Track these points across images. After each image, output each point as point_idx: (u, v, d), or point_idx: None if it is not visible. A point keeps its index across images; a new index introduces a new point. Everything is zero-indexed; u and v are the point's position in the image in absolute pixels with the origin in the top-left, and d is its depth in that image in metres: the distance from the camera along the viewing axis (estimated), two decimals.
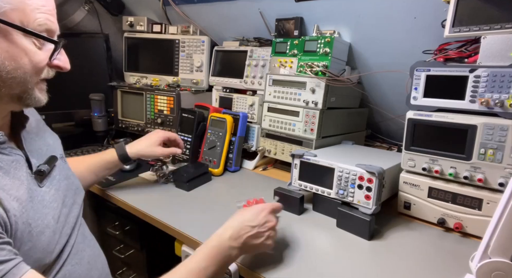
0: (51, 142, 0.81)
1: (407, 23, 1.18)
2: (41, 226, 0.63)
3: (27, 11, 0.56)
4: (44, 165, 0.70)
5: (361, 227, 0.90)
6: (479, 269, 0.59)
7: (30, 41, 0.58)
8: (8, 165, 0.62)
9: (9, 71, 0.57)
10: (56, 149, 0.80)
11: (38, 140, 0.76)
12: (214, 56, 1.65)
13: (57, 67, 0.65)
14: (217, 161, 1.34)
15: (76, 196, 0.81)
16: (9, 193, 0.59)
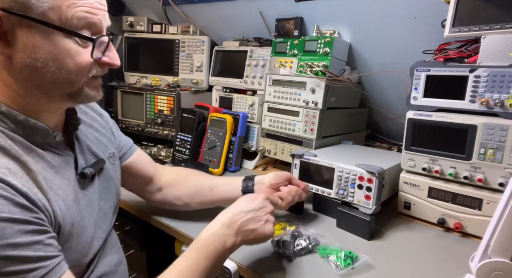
0: (106, 142, 0.81)
1: (407, 23, 1.18)
2: (81, 227, 0.64)
3: (64, 7, 0.54)
4: (89, 168, 0.70)
5: (361, 227, 0.90)
6: (479, 269, 0.59)
7: (72, 40, 0.56)
8: (59, 165, 0.63)
9: (53, 71, 0.56)
10: (107, 149, 0.80)
11: (93, 142, 0.76)
12: (214, 56, 1.65)
13: (106, 64, 0.62)
14: (217, 161, 1.34)
15: (113, 199, 0.81)
16: (57, 192, 0.59)
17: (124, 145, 0.92)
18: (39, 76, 0.56)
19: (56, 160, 0.63)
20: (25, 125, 0.57)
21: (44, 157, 0.60)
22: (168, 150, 1.54)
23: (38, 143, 0.59)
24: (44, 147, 0.61)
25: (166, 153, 1.51)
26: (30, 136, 0.58)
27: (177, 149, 1.43)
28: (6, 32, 0.53)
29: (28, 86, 0.57)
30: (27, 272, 0.48)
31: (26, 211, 0.51)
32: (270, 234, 0.73)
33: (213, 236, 0.68)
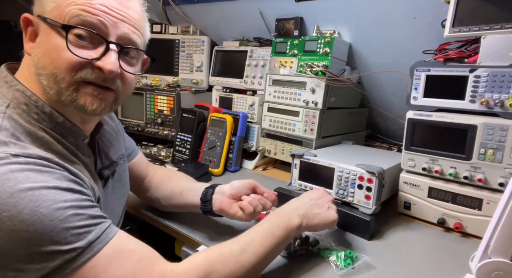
0: (117, 145, 0.85)
1: (407, 23, 1.18)
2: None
3: (63, 6, 0.58)
4: (106, 169, 0.75)
5: (361, 227, 0.90)
6: (479, 269, 0.59)
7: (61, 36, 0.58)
8: (85, 164, 0.68)
9: (43, 66, 0.59)
10: (117, 151, 0.84)
11: (107, 145, 0.80)
12: (214, 56, 1.65)
13: (99, 69, 0.59)
14: (217, 161, 1.34)
15: (124, 198, 0.86)
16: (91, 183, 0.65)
17: (129, 147, 0.95)
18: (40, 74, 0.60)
19: (83, 159, 0.68)
20: (62, 126, 0.63)
21: (77, 155, 0.66)
22: (168, 150, 1.54)
23: (70, 143, 0.64)
24: (74, 147, 0.66)
25: (166, 153, 1.51)
26: (64, 136, 0.63)
27: (177, 149, 1.43)
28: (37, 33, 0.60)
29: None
30: (95, 225, 0.55)
31: (79, 185, 0.58)
32: (334, 218, 0.78)
33: (283, 213, 0.74)
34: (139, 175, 0.99)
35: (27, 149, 0.54)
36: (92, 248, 0.53)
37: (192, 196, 0.91)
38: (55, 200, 0.51)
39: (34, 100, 0.59)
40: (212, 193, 0.89)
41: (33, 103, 0.59)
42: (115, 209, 0.80)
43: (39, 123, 0.59)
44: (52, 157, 0.56)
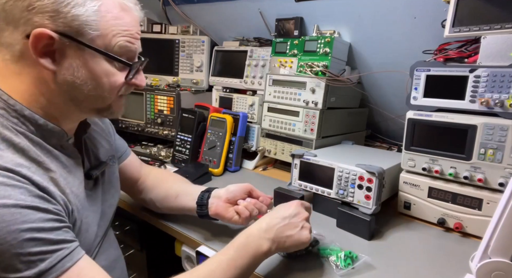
0: (107, 145, 0.84)
1: (407, 23, 1.18)
2: (86, 225, 0.68)
3: (110, 36, 0.61)
4: (94, 170, 0.75)
5: (361, 227, 0.90)
6: (479, 269, 0.59)
7: (111, 63, 0.63)
8: (71, 165, 0.67)
9: (90, 89, 0.63)
10: (107, 152, 0.84)
11: (96, 145, 0.80)
12: (214, 56, 1.65)
13: (134, 85, 0.69)
14: (217, 161, 1.34)
15: (113, 199, 0.84)
16: (71, 189, 0.64)
17: (120, 149, 0.95)
18: (76, 91, 0.62)
19: (69, 161, 0.67)
20: (44, 128, 0.62)
21: (59, 158, 0.64)
22: (168, 150, 1.54)
23: (53, 145, 0.64)
24: (58, 148, 0.65)
25: (166, 153, 1.51)
26: (47, 138, 0.63)
27: (177, 149, 1.43)
28: (55, 51, 0.58)
29: (63, 97, 0.63)
30: (52, 253, 0.53)
31: (46, 202, 0.55)
32: (306, 240, 0.73)
33: (251, 238, 0.70)
34: (131, 176, 0.98)
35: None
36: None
37: (188, 200, 0.91)
38: (11, 221, 0.49)
39: (11, 104, 0.59)
40: (208, 198, 0.89)
41: (11, 107, 0.59)
42: (104, 210, 0.78)
43: (19, 127, 0.59)
44: (19, 169, 0.54)
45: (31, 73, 0.60)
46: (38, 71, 0.59)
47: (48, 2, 0.55)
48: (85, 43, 0.59)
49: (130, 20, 0.64)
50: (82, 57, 0.60)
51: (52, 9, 0.55)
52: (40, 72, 0.60)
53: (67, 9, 0.56)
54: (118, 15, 0.62)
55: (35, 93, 0.61)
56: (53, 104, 0.63)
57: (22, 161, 0.56)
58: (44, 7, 0.55)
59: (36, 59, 0.57)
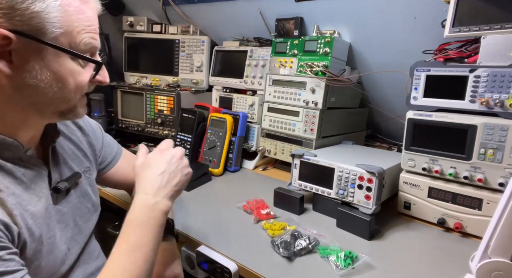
0: (82, 156, 0.80)
1: (407, 23, 1.18)
2: (50, 245, 0.63)
3: (74, 33, 0.56)
4: (63, 182, 0.69)
5: (361, 227, 0.90)
6: (479, 269, 0.59)
7: (76, 62, 0.59)
8: (30, 180, 0.62)
9: (56, 91, 0.58)
10: (82, 163, 0.79)
11: (67, 155, 0.75)
12: (214, 56, 1.65)
13: (98, 82, 0.65)
14: (217, 161, 1.34)
15: (90, 214, 0.79)
16: (25, 208, 0.59)
17: (107, 156, 0.91)
18: (40, 95, 0.57)
19: (28, 174, 0.62)
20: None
21: (13, 173, 0.59)
22: None
23: (7, 158, 0.59)
24: (15, 162, 0.60)
25: None
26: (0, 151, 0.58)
27: None
28: (11, 52, 0.53)
29: (21, 103, 0.58)
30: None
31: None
32: (190, 174, 0.77)
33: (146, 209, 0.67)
34: (123, 182, 0.94)
35: None
36: None
37: None
38: None
39: None
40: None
41: None
42: (80, 225, 0.74)
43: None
44: None
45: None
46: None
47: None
48: (48, 42, 0.54)
49: (91, 14, 0.60)
50: (45, 58, 0.55)
51: (7, 5, 0.50)
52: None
53: (24, 5, 0.50)
54: (79, 9, 0.57)
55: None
56: (8, 112, 0.58)
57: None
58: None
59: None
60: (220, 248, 0.83)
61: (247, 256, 0.81)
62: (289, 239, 0.83)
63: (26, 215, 0.58)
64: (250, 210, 1.01)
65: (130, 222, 0.66)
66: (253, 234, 0.91)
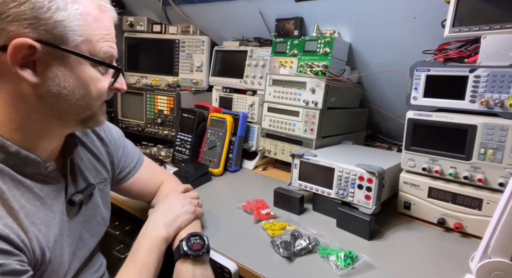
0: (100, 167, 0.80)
1: (407, 23, 1.18)
2: (57, 264, 0.64)
3: (94, 41, 0.58)
4: (78, 194, 0.70)
5: (361, 227, 0.90)
6: (479, 269, 0.59)
7: (96, 69, 0.60)
8: (46, 195, 0.63)
9: (78, 98, 0.59)
10: (99, 174, 0.80)
11: (85, 166, 0.76)
12: (214, 56, 1.65)
13: (116, 89, 0.67)
14: (217, 161, 1.34)
15: (98, 227, 0.80)
16: (39, 228, 0.59)
17: (128, 164, 0.91)
18: (62, 103, 0.58)
19: (45, 190, 0.62)
20: (16, 157, 0.57)
21: (32, 189, 0.60)
22: (168, 150, 1.54)
23: (28, 174, 0.60)
24: (34, 177, 0.61)
25: (166, 153, 1.51)
26: (21, 167, 0.58)
27: (177, 149, 1.43)
28: (35, 61, 0.54)
29: (44, 112, 0.58)
30: None
31: (6, 255, 0.51)
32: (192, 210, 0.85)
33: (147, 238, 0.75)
34: (138, 193, 0.95)
35: None
36: None
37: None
38: None
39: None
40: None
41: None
42: (84, 237, 0.74)
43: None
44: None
45: (7, 90, 0.55)
46: (15, 86, 0.54)
47: (26, 8, 0.50)
48: (70, 50, 0.55)
49: (109, 22, 0.61)
50: (67, 65, 0.56)
51: (32, 16, 0.51)
52: (17, 87, 0.54)
53: (48, 14, 0.52)
54: (98, 17, 0.58)
55: (10, 112, 0.56)
56: (31, 123, 0.58)
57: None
58: (22, 14, 0.50)
59: (15, 72, 0.52)
60: (220, 248, 0.83)
61: (247, 256, 0.81)
62: (289, 239, 0.83)
63: (39, 235, 0.59)
64: (250, 210, 1.01)
65: (136, 247, 0.73)
66: (253, 234, 0.91)
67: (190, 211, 0.84)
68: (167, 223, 0.78)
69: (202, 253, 0.74)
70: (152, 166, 1.00)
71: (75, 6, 0.55)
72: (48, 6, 0.52)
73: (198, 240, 0.76)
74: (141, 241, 0.74)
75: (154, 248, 0.73)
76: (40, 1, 0.51)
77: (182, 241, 0.75)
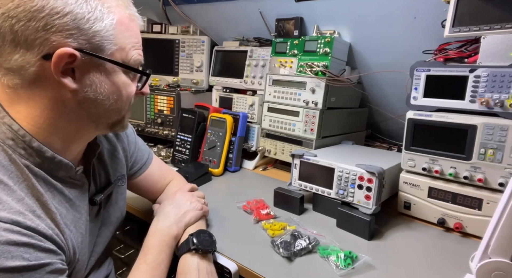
0: (117, 164, 0.83)
1: (407, 23, 1.18)
2: (81, 263, 0.67)
3: (126, 49, 0.61)
4: (99, 194, 0.74)
5: (361, 227, 0.90)
6: (479, 269, 0.59)
7: (127, 75, 0.64)
8: (75, 197, 0.66)
9: (112, 103, 0.63)
10: (116, 172, 0.82)
11: (104, 166, 0.79)
12: (214, 56, 1.65)
13: (141, 94, 0.71)
14: (217, 161, 1.34)
15: (115, 224, 0.83)
16: (70, 229, 0.62)
17: (138, 161, 0.93)
18: (97, 107, 0.62)
19: (73, 192, 0.65)
20: (51, 161, 0.60)
21: (63, 192, 0.63)
22: (168, 150, 1.54)
23: (59, 177, 0.62)
24: (64, 180, 0.64)
25: (166, 153, 1.51)
26: (53, 171, 0.61)
27: (177, 149, 1.43)
28: (74, 69, 0.57)
29: (80, 116, 0.62)
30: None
31: (52, 255, 0.54)
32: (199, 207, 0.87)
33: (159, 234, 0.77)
34: (147, 190, 0.97)
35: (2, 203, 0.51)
36: None
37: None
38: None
39: (21, 135, 0.56)
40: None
41: (20, 138, 0.56)
42: (103, 233, 0.78)
43: (25, 159, 0.57)
44: (23, 220, 0.51)
45: (48, 96, 0.57)
46: (57, 92, 0.57)
47: (69, 20, 0.53)
48: (107, 58, 0.58)
49: (138, 30, 0.64)
50: (103, 72, 0.59)
51: (73, 26, 0.54)
52: (58, 93, 0.57)
53: (87, 25, 0.55)
54: (129, 26, 0.61)
55: (50, 117, 0.59)
56: (68, 126, 0.61)
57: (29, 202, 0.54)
58: (64, 25, 0.53)
59: (58, 79, 0.55)
60: (220, 248, 0.83)
61: (247, 256, 0.81)
62: (289, 239, 0.83)
63: (71, 235, 0.62)
64: (250, 210, 1.01)
65: (147, 246, 0.75)
66: (253, 234, 0.91)
67: (198, 208, 0.86)
68: (176, 219, 0.80)
69: (211, 250, 0.76)
70: (162, 164, 1.03)
71: (111, 16, 0.58)
72: (87, 17, 0.55)
73: (207, 237, 0.78)
74: (152, 239, 0.76)
75: (165, 246, 0.75)
76: (81, 13, 0.54)
77: (191, 236, 0.77)
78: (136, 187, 0.95)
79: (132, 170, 0.92)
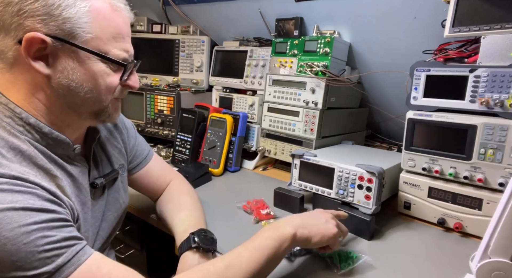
0: (118, 154, 0.84)
1: (407, 23, 1.18)
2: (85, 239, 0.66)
3: (104, 39, 0.61)
4: (101, 178, 0.74)
5: (361, 227, 0.90)
6: (479, 269, 0.59)
7: (107, 65, 0.63)
8: (77, 175, 0.67)
9: (86, 91, 0.63)
10: (118, 161, 0.83)
11: (106, 153, 0.80)
12: (214, 56, 1.65)
13: (128, 87, 0.70)
14: (217, 161, 1.34)
15: (120, 210, 0.84)
16: (77, 197, 0.65)
17: (139, 155, 0.94)
18: (73, 95, 0.62)
19: (74, 170, 0.67)
20: (49, 136, 0.62)
21: (65, 167, 0.64)
22: (168, 150, 1.55)
23: (59, 155, 0.64)
24: (64, 158, 0.65)
25: (166, 153, 1.51)
26: (52, 148, 0.63)
27: (177, 149, 1.43)
28: (48, 54, 0.58)
29: (60, 102, 0.62)
30: (66, 248, 0.53)
31: (56, 205, 0.56)
32: (333, 231, 0.73)
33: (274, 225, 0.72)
34: (147, 186, 0.97)
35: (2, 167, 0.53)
36: (61, 273, 0.51)
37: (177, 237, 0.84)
38: (21, 222, 0.49)
39: (18, 112, 0.59)
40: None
41: (17, 115, 0.59)
42: (108, 218, 0.79)
43: (24, 135, 0.59)
44: (27, 176, 0.54)
45: (26, 79, 0.59)
46: (32, 76, 0.59)
47: (39, 5, 0.55)
48: (78, 45, 0.59)
49: (121, 21, 0.64)
50: (76, 59, 0.60)
51: (43, 12, 0.55)
52: (34, 77, 0.59)
53: (58, 11, 0.56)
54: (110, 16, 0.61)
55: (34, 100, 0.61)
56: (52, 112, 0.63)
57: (28, 169, 0.56)
58: (35, 10, 0.55)
59: (29, 63, 0.57)
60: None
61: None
62: None
63: (78, 203, 0.65)
64: (250, 210, 1.01)
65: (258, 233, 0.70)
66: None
67: (331, 230, 0.74)
68: (303, 224, 0.71)
69: (212, 249, 0.76)
70: (162, 163, 1.03)
71: (83, 3, 0.58)
72: (58, 3, 0.56)
73: (208, 236, 0.78)
74: (266, 229, 0.71)
75: (276, 237, 0.67)
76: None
77: (192, 234, 0.76)
78: (136, 183, 0.95)
79: (132, 164, 0.92)
